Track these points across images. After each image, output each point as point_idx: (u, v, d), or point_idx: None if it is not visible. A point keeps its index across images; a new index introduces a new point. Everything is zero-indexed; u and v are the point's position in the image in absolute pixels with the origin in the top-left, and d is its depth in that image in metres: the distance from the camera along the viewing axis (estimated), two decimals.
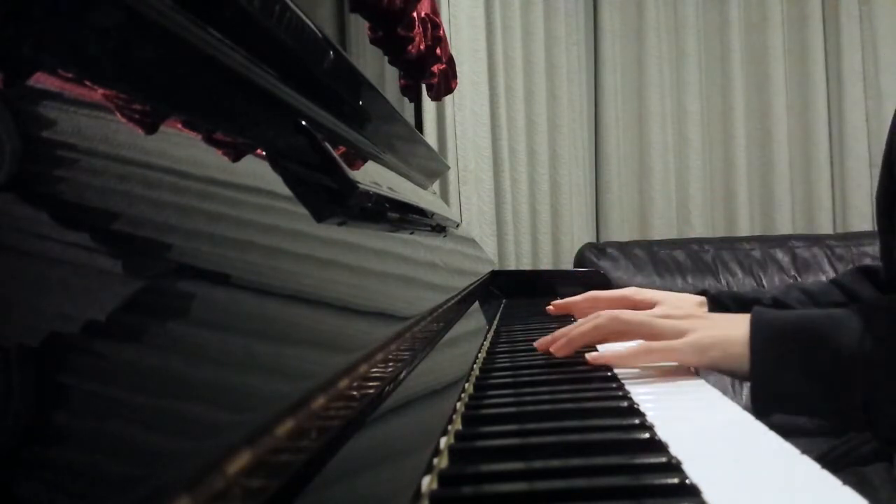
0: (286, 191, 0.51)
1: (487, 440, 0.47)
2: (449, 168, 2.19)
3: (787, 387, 0.67)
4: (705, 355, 0.69)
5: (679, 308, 0.94)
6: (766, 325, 0.69)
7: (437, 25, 1.53)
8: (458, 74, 1.83)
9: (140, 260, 0.31)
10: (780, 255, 2.40)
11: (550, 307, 1.05)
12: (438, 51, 1.57)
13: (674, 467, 0.40)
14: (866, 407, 0.64)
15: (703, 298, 0.99)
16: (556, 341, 0.75)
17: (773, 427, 0.49)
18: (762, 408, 0.68)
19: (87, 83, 0.34)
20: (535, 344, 0.77)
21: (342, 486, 0.34)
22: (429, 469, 0.40)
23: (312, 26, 0.61)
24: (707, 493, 0.36)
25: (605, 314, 0.75)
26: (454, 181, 2.47)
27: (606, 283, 1.56)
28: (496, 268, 1.83)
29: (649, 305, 0.96)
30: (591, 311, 1.00)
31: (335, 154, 0.58)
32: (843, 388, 0.65)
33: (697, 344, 0.69)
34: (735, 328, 0.70)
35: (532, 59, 2.58)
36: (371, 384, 0.44)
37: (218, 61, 0.48)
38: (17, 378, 0.22)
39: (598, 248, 2.43)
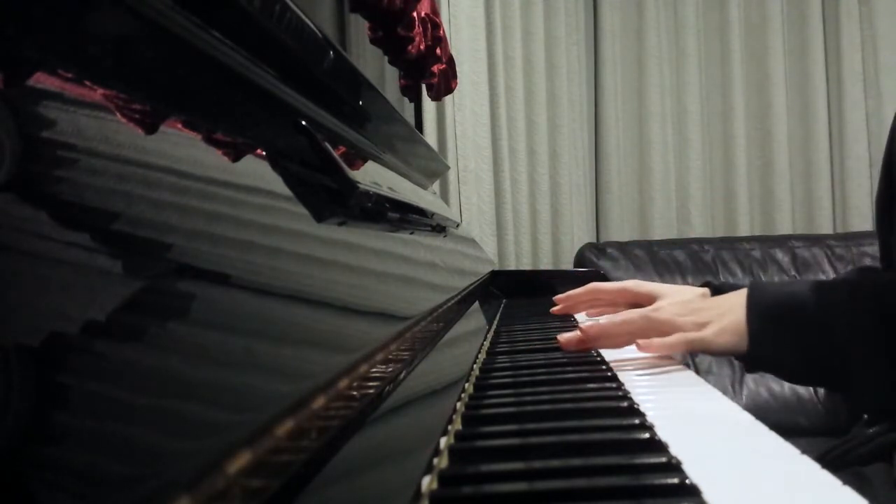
0: (286, 191, 0.51)
1: (487, 440, 0.47)
2: (449, 168, 2.19)
3: (782, 361, 0.77)
4: (726, 340, 0.77)
5: (680, 293, 0.97)
6: (760, 304, 0.77)
7: (437, 25, 1.53)
8: (458, 74, 1.83)
9: (140, 260, 0.31)
10: (780, 255, 2.40)
11: (556, 308, 1.07)
12: (438, 51, 1.57)
13: (674, 467, 0.40)
14: (850, 380, 0.74)
15: (705, 290, 0.99)
16: (587, 332, 0.80)
17: (773, 427, 0.49)
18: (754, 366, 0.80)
19: (87, 83, 0.34)
20: (562, 340, 0.80)
21: (342, 486, 0.34)
22: (429, 469, 0.40)
23: (312, 26, 0.61)
24: (707, 492, 0.36)
25: (635, 313, 0.82)
26: (454, 181, 2.47)
27: None
28: (496, 268, 1.83)
29: (649, 298, 0.97)
30: (592, 304, 1.03)
31: (335, 154, 0.58)
32: (830, 362, 0.74)
33: (719, 331, 0.77)
34: (739, 312, 0.78)
35: (532, 59, 2.58)
36: (371, 384, 0.44)
37: (218, 61, 0.48)
38: (18, 378, 0.22)
39: (598, 248, 2.43)
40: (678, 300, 0.94)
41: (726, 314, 0.78)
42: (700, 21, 2.69)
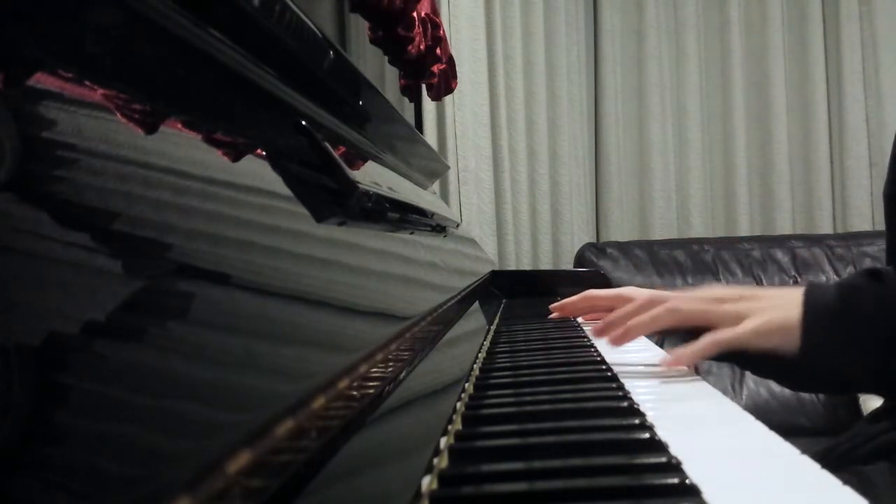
0: (286, 191, 0.51)
1: (487, 440, 0.47)
2: (449, 168, 2.19)
3: (836, 367, 0.73)
4: (768, 340, 0.73)
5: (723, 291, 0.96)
6: (818, 303, 0.73)
7: (437, 25, 1.54)
8: (458, 74, 1.83)
9: (140, 260, 0.31)
10: (780, 255, 2.40)
11: (553, 314, 1.06)
12: (438, 51, 1.57)
13: (674, 467, 0.40)
14: None
15: None
16: (611, 330, 0.78)
17: (774, 427, 0.49)
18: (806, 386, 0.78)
19: (87, 83, 0.34)
20: (593, 330, 0.79)
21: (342, 486, 0.34)
22: (429, 469, 0.40)
23: (312, 26, 0.61)
24: (707, 492, 0.36)
25: (663, 307, 0.78)
26: (454, 181, 2.47)
27: (606, 284, 1.56)
28: (496, 268, 1.83)
29: None
30: (588, 312, 1.02)
31: (335, 154, 0.58)
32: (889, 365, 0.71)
33: (760, 329, 0.73)
34: (792, 309, 0.73)
35: (532, 59, 2.58)
36: (371, 384, 0.44)
37: (218, 61, 0.48)
38: (18, 378, 0.22)
39: (598, 248, 2.43)
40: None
41: (771, 309, 0.74)
42: (700, 21, 2.69)
